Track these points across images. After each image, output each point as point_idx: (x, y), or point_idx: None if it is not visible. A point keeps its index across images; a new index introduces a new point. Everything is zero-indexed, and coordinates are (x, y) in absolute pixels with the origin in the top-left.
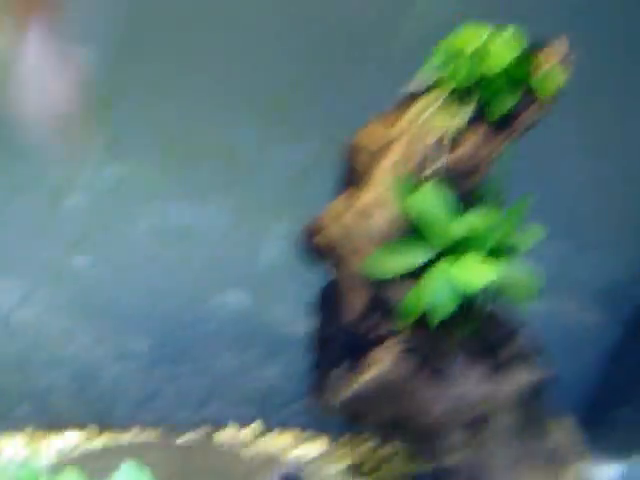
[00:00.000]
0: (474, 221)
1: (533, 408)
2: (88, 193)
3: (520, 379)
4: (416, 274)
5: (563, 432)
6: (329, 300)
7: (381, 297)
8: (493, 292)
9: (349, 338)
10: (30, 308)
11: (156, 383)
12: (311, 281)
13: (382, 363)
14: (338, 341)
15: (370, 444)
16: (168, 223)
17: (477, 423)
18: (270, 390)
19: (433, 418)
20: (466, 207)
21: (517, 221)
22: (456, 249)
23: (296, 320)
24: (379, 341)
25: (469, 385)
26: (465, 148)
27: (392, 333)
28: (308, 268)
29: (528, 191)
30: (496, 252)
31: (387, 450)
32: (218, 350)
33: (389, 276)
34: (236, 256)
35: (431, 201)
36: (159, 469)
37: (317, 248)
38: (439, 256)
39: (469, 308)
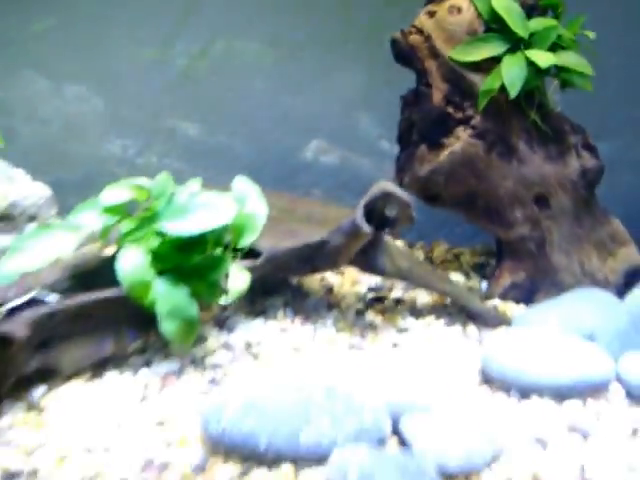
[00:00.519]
0: (542, 21)
1: (587, 197)
2: None
3: (577, 165)
4: (496, 60)
5: (612, 224)
6: (415, 96)
7: (465, 81)
8: (556, 73)
9: (431, 123)
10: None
11: None
12: None
13: (458, 143)
14: (421, 127)
15: (443, 247)
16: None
17: (539, 201)
18: None
19: (501, 194)
20: (530, 14)
21: (573, 29)
22: (528, 42)
23: None
24: (458, 124)
25: (534, 165)
26: None
27: (470, 117)
28: None
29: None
30: (556, 47)
31: (458, 250)
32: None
33: (474, 60)
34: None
35: (507, 4)
36: (270, 205)
37: (411, 46)
38: (514, 47)
39: (537, 88)
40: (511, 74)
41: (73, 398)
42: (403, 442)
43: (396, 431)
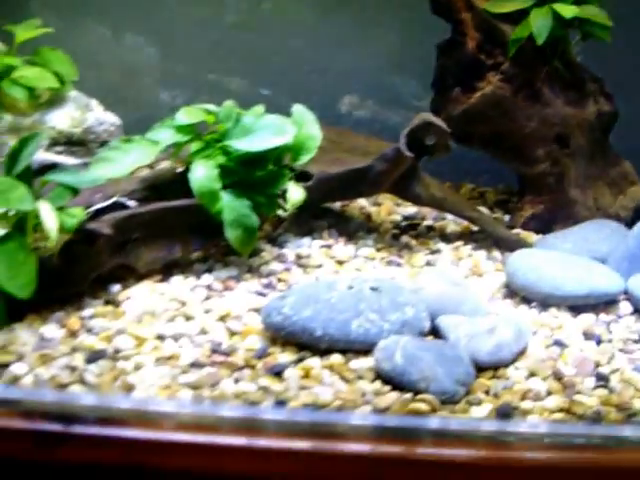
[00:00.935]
0: None
1: (602, 139)
2: None
3: (595, 110)
4: (525, 12)
5: (623, 165)
6: (450, 45)
7: (496, 31)
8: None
9: (464, 69)
10: None
11: None
12: None
13: (489, 86)
14: (455, 72)
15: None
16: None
17: (559, 140)
18: None
19: (525, 133)
20: None
21: None
22: None
23: None
24: (489, 69)
25: (555, 108)
26: None
27: (500, 63)
28: None
29: None
30: (579, 1)
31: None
32: None
33: (506, 12)
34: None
35: None
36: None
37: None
38: (542, 0)
39: (561, 38)
40: (538, 24)
41: (145, 295)
42: (438, 337)
43: (433, 330)
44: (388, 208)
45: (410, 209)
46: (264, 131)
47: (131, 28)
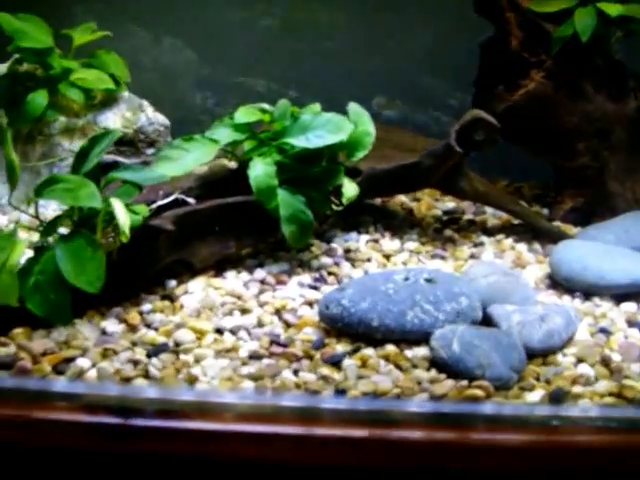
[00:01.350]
0: None
1: None
2: None
3: (635, 105)
4: (568, 12)
5: None
6: (493, 43)
7: (540, 30)
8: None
9: (508, 66)
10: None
11: None
12: None
13: (532, 83)
14: (499, 70)
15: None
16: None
17: (599, 135)
18: None
19: (567, 128)
20: None
21: None
22: None
23: None
24: (532, 67)
25: (597, 103)
26: None
27: (543, 61)
28: None
29: None
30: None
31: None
32: None
33: (550, 11)
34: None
35: None
36: None
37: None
38: (586, 0)
39: (604, 37)
40: (583, 22)
41: (201, 290)
42: (491, 326)
43: (484, 319)
44: (428, 203)
45: (449, 204)
46: (322, 129)
47: (169, 31)
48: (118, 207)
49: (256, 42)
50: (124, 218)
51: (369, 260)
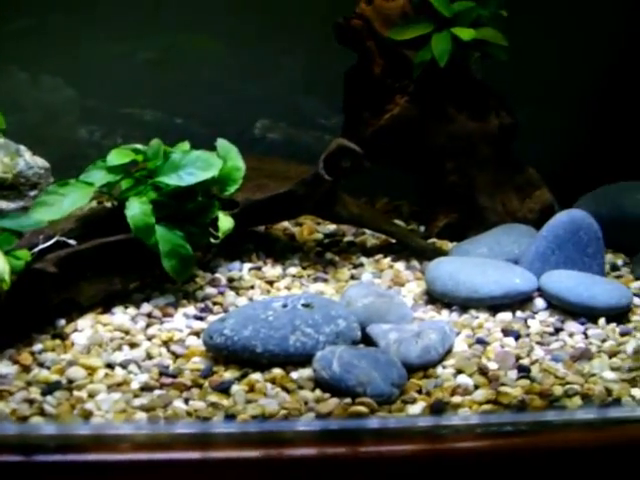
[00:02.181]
0: (464, 3)
1: (506, 149)
2: None
3: (497, 122)
4: (426, 38)
5: (528, 171)
6: (357, 71)
7: (400, 56)
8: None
9: (373, 93)
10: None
11: None
12: None
13: (396, 108)
14: (364, 97)
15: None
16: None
17: (466, 153)
18: None
19: (434, 149)
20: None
21: (491, 7)
22: (451, 22)
23: None
24: (396, 92)
25: (461, 123)
26: None
27: (406, 86)
28: None
29: None
30: (476, 24)
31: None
32: None
33: (408, 38)
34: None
35: None
36: None
37: (353, 30)
38: (441, 26)
39: (461, 59)
40: (439, 48)
41: (90, 327)
42: (370, 345)
43: (364, 338)
44: (309, 227)
45: (330, 227)
46: (192, 166)
47: (47, 70)
48: None
49: (138, 74)
50: (2, 266)
51: (252, 288)
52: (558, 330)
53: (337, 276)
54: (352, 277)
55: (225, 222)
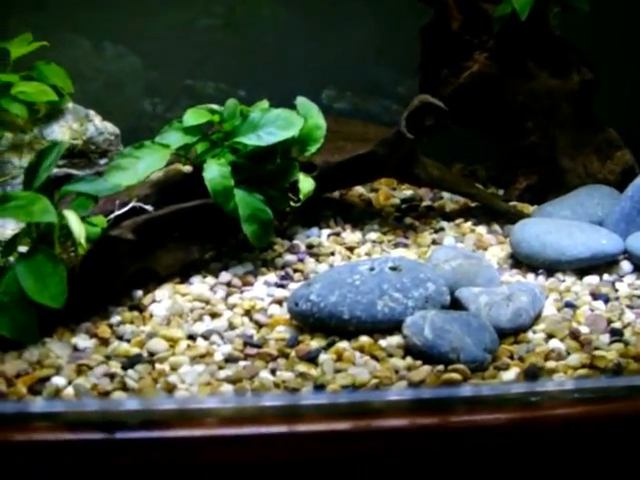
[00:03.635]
0: None
1: (587, 108)
2: None
3: (578, 79)
4: None
5: (608, 131)
6: (435, 27)
7: (479, 11)
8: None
9: (451, 49)
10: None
11: None
12: None
13: (475, 65)
14: (442, 54)
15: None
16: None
17: (546, 112)
18: None
19: (514, 107)
20: None
21: None
22: None
23: None
24: (475, 49)
25: (541, 81)
26: None
27: (485, 41)
28: None
29: None
30: None
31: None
32: None
33: None
34: None
35: None
36: None
37: None
38: None
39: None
40: (520, 0)
41: (168, 297)
42: (459, 309)
43: (452, 302)
44: (385, 193)
45: (406, 192)
46: (272, 125)
47: (110, 38)
48: (72, 219)
49: (200, 43)
50: (79, 230)
51: (332, 254)
52: None
53: (418, 241)
54: (434, 242)
55: (306, 184)
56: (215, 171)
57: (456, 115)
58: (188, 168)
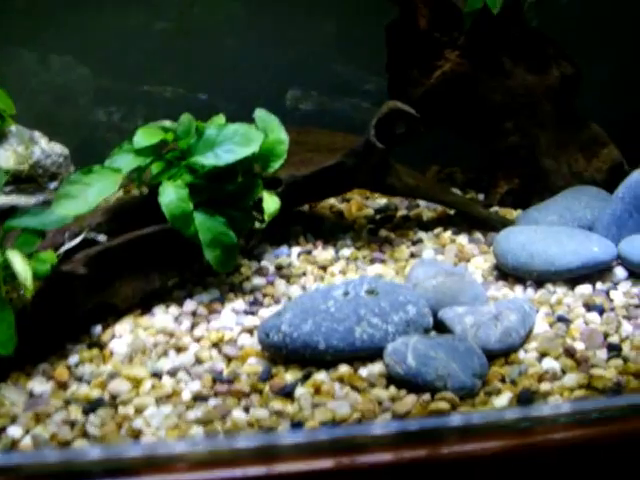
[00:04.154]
0: None
1: (569, 104)
2: None
3: (558, 74)
4: None
5: (592, 127)
6: (401, 25)
7: (447, 6)
8: None
9: (419, 48)
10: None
11: None
12: None
13: (447, 64)
14: (410, 53)
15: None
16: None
17: (526, 111)
18: None
19: (491, 107)
20: None
21: None
22: None
23: None
24: (445, 46)
25: (519, 78)
26: None
27: (456, 38)
28: None
29: None
30: None
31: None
32: None
33: None
34: None
35: None
36: None
37: None
38: None
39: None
40: None
41: (130, 332)
42: (444, 331)
43: (436, 324)
44: (358, 203)
45: (380, 201)
46: (230, 142)
47: (57, 49)
48: (16, 260)
49: (155, 47)
50: (24, 271)
51: (304, 274)
52: None
53: (395, 255)
54: (412, 255)
55: (271, 203)
56: (172, 194)
57: (429, 118)
58: (144, 191)
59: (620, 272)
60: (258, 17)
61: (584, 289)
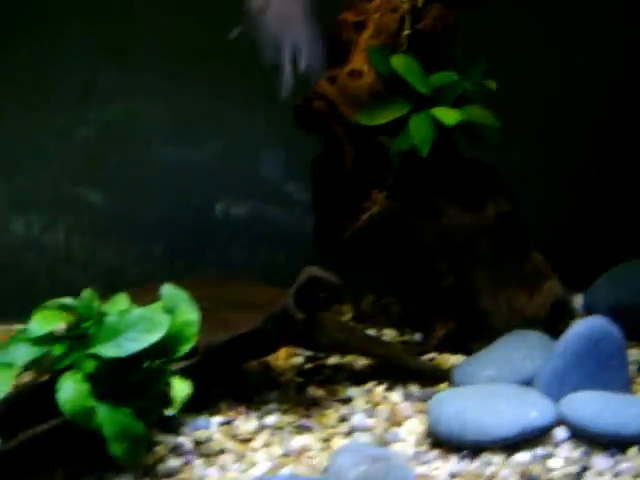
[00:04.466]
0: (444, 76)
1: (507, 239)
2: None
3: (494, 211)
4: (402, 120)
5: (534, 259)
6: (326, 161)
7: (374, 144)
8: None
9: (345, 188)
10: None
11: None
12: None
13: (375, 206)
14: (336, 192)
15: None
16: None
17: (461, 250)
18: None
19: (424, 249)
20: (431, 70)
21: (476, 77)
22: (431, 100)
23: None
24: (372, 186)
25: (452, 217)
26: (427, 21)
27: (384, 178)
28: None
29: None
30: (461, 100)
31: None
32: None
33: (381, 123)
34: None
35: (407, 63)
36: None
37: (315, 113)
38: (419, 105)
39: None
40: (420, 134)
41: None
42: None
43: None
44: (286, 351)
45: None
46: (133, 330)
47: None
48: None
49: (75, 155)
50: None
51: (223, 452)
52: (585, 469)
53: (323, 421)
54: (342, 420)
55: (180, 390)
56: (70, 390)
57: (359, 260)
58: (41, 377)
59: (561, 433)
60: (187, 124)
61: (522, 457)
